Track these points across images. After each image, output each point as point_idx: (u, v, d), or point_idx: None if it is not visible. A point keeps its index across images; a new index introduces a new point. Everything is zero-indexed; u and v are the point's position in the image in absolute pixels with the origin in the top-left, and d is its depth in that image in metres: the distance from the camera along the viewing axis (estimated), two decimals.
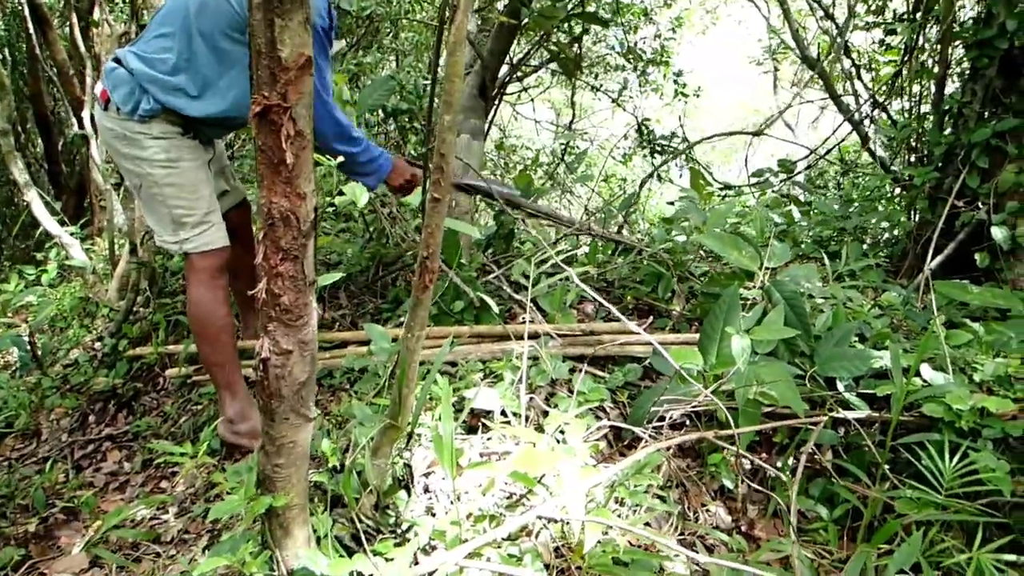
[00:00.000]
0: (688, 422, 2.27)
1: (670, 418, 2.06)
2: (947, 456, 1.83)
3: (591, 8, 4.93)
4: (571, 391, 2.38)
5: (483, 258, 3.36)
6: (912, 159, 4.20)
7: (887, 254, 3.97)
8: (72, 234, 3.97)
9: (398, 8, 5.84)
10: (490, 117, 4.05)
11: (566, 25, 3.77)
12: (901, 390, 1.92)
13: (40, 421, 3.10)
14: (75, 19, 5.08)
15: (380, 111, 4.18)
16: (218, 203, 2.31)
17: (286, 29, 1.00)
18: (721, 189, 4.50)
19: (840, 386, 2.26)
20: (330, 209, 3.71)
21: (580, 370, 2.42)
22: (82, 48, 4.67)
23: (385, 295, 3.24)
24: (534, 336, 2.52)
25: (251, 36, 1.03)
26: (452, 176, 2.99)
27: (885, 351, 2.21)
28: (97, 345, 3.48)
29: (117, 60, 2.15)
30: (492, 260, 3.31)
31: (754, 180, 4.47)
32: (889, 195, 4.67)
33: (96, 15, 4.36)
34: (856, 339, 2.49)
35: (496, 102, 4.19)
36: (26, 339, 3.28)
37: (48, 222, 3.90)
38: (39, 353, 3.26)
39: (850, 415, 2.10)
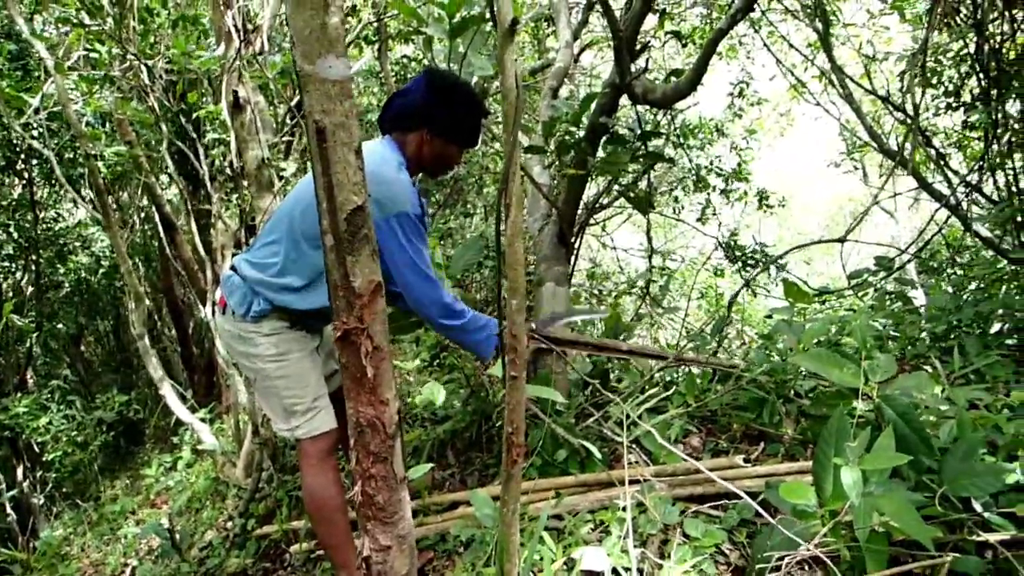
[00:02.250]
0: (810, 565, 2.14)
1: (791, 563, 1.95)
2: None
3: (658, 141, 5.11)
4: (685, 536, 2.31)
5: (581, 399, 3.39)
6: (1021, 237, 4.00)
7: (1013, 343, 3.70)
8: (201, 419, 4.30)
9: (479, 166, 6.26)
10: (573, 260, 4.18)
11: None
12: None
13: None
14: (195, 223, 5.72)
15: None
16: (326, 386, 2.47)
17: (356, 263, 1.14)
18: (817, 295, 4.38)
19: (977, 505, 2.09)
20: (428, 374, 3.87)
21: (691, 512, 2.35)
22: (201, 248, 5.22)
23: (491, 449, 3.29)
24: (638, 481, 2.48)
25: (327, 271, 1.17)
26: (540, 326, 3.09)
27: (1019, 461, 2.04)
28: (228, 525, 3.67)
29: (233, 268, 2.42)
30: (591, 402, 3.33)
31: (853, 282, 4.33)
32: (1006, 277, 4.41)
33: (213, 217, 4.92)
34: (987, 449, 2.31)
35: (577, 244, 4.33)
36: (166, 526, 3.51)
37: (181, 411, 4.24)
38: (177, 539, 3.47)
39: (992, 538, 1.93)
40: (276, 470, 3.64)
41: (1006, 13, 4.07)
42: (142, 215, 8.34)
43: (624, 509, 2.28)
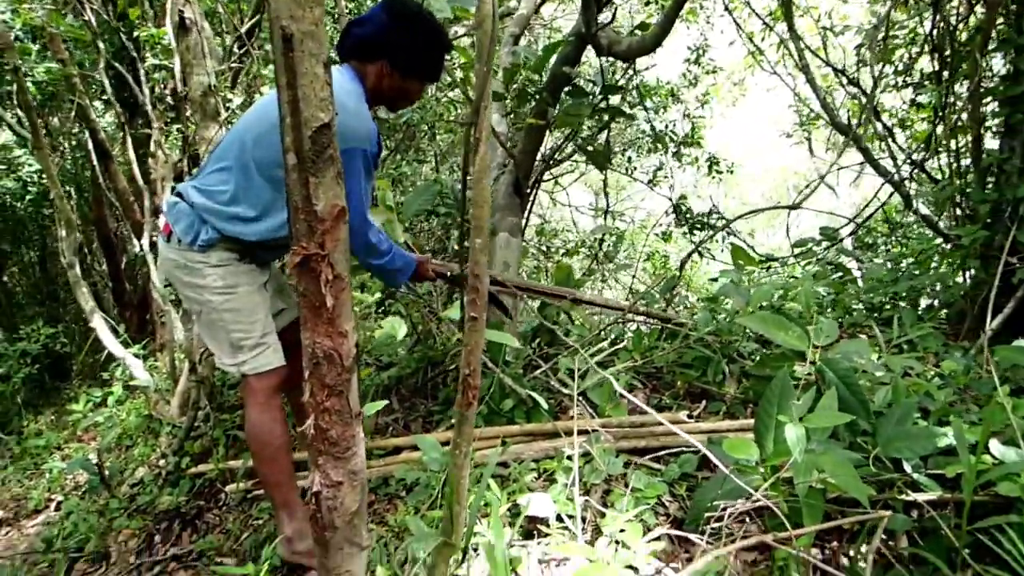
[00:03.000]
0: (749, 517, 2.20)
1: (730, 515, 2.00)
2: None
3: (616, 98, 5.08)
4: (627, 486, 2.34)
5: (529, 351, 3.39)
6: (959, 216, 4.13)
7: (944, 316, 3.86)
8: (135, 354, 4.15)
9: (433, 113, 6.11)
10: (527, 211, 4.15)
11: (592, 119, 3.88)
12: (970, 470, 1.84)
13: (109, 543, 3.17)
14: (132, 152, 5.45)
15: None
16: (274, 323, 2.40)
17: (320, 185, 1.08)
18: (763, 262, 4.47)
19: (907, 467, 2.17)
20: (378, 310, 3.81)
21: (635, 464, 2.38)
22: (139, 178, 4.98)
23: (436, 396, 3.27)
24: (585, 432, 2.50)
25: (288, 193, 1.10)
26: (492, 278, 3.06)
27: (950, 426, 2.13)
28: (161, 463, 3.57)
29: (178, 194, 2.29)
30: (539, 354, 3.33)
31: (798, 251, 4.43)
32: (940, 254, 4.57)
33: (152, 146, 4.67)
34: (919, 414, 2.40)
35: (532, 197, 4.29)
36: (95, 461, 3.39)
37: (112, 345, 4.08)
38: (107, 475, 3.36)
39: (920, 498, 2.02)
40: (213, 409, 3.54)
41: None
42: (74, 141, 7.91)
43: (570, 458, 2.29)
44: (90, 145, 6.57)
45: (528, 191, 4.00)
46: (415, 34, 2.26)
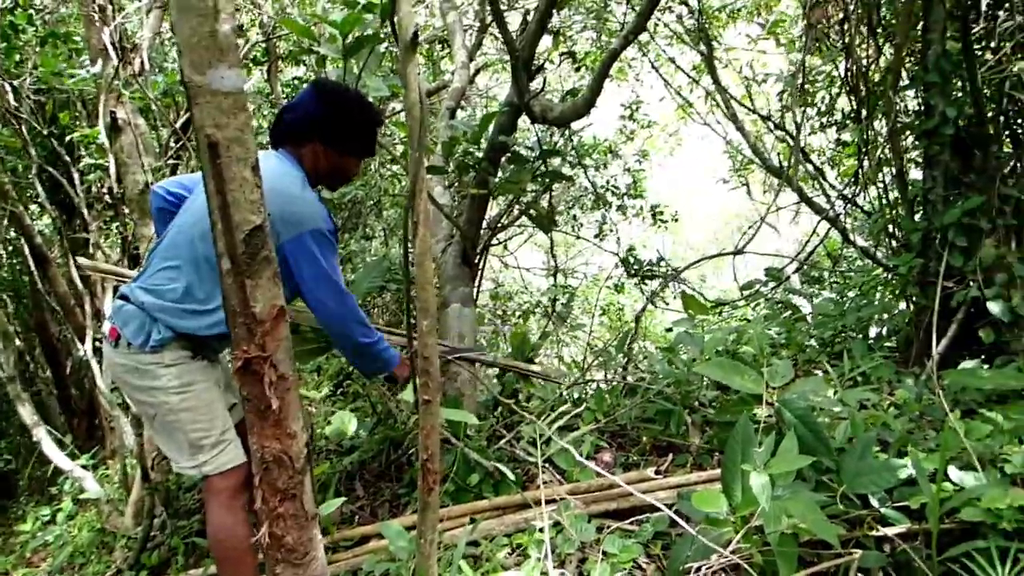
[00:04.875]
0: (727, 572, 2.17)
1: (707, 573, 1.98)
2: (997, 564, 1.74)
3: (556, 160, 5.19)
4: (602, 553, 2.30)
5: (492, 420, 3.35)
6: (894, 246, 4.28)
7: (893, 344, 3.95)
8: (83, 465, 3.97)
9: (377, 189, 6.16)
10: (477, 279, 4.16)
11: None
12: (933, 499, 1.86)
13: None
14: (70, 254, 5.33)
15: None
16: (230, 418, 2.33)
17: (257, 287, 1.07)
18: (715, 307, 4.55)
19: (874, 501, 2.18)
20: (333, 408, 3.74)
21: (608, 528, 2.34)
22: (79, 281, 4.87)
23: (401, 478, 3.19)
24: (554, 501, 2.46)
25: (224, 297, 1.09)
26: (447, 347, 3.04)
27: (909, 456, 2.16)
28: None
29: (123, 297, 2.24)
30: (502, 423, 3.29)
31: (746, 293, 4.52)
32: (882, 284, 4.72)
33: (90, 247, 4.59)
34: (879, 446, 2.43)
35: (481, 265, 4.32)
36: None
37: (59, 458, 3.90)
38: None
39: (890, 531, 2.03)
40: (169, 515, 3.39)
41: (870, 38, 4.38)
42: (9, 248, 7.71)
43: (541, 530, 2.25)
44: (27, 250, 6.41)
45: (476, 259, 4.02)
46: (344, 112, 2.30)
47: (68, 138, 4.64)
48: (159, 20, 4.79)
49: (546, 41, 6.44)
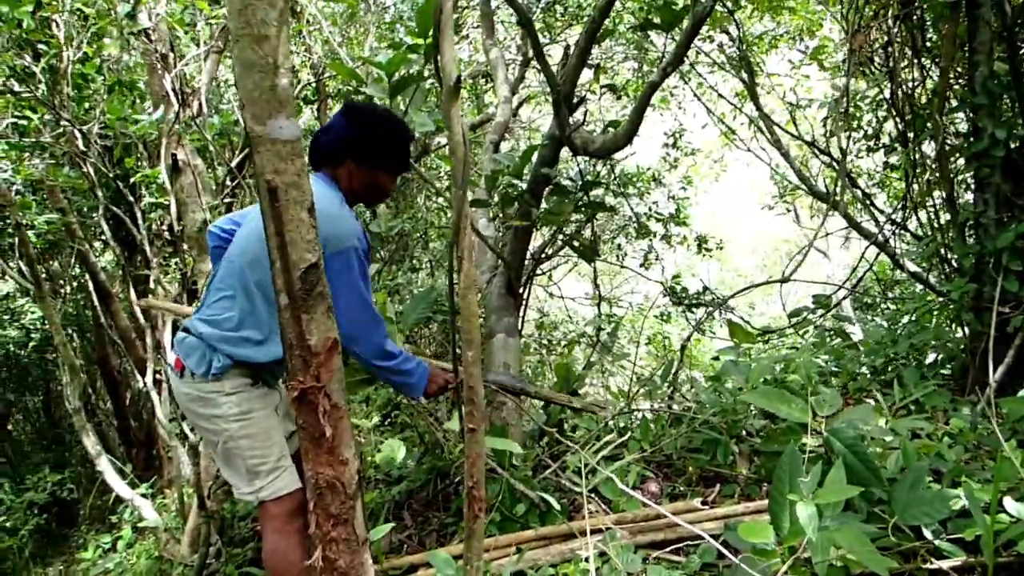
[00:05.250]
0: None
1: None
2: None
3: (598, 191, 5.24)
4: None
5: (538, 450, 3.37)
6: (947, 271, 4.19)
7: (948, 372, 3.85)
8: (142, 494, 4.11)
9: (424, 221, 6.29)
10: (522, 310, 4.21)
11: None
12: (987, 532, 1.82)
13: None
14: (132, 289, 5.57)
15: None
16: (287, 446, 2.40)
17: (312, 321, 1.13)
18: (761, 335, 4.50)
19: (927, 533, 2.13)
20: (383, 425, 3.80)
21: (653, 559, 2.34)
22: (140, 315, 5.07)
23: (448, 507, 3.22)
24: (600, 531, 2.47)
25: (282, 330, 1.15)
26: (492, 375, 3.09)
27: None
28: None
29: (186, 329, 2.34)
30: (548, 453, 3.31)
31: (794, 320, 4.47)
32: (935, 310, 4.61)
33: (151, 283, 4.80)
34: (932, 476, 2.38)
35: (525, 295, 4.37)
36: None
37: (120, 487, 4.05)
38: None
39: (944, 565, 1.98)
40: (224, 544, 3.48)
41: (915, 61, 4.34)
42: (75, 284, 8.08)
43: (587, 560, 2.25)
44: (91, 286, 6.72)
45: (521, 290, 4.07)
46: (373, 128, 2.36)
47: (132, 180, 4.88)
48: (215, 64, 5.03)
49: (587, 74, 6.54)
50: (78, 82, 4.52)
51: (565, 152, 4.17)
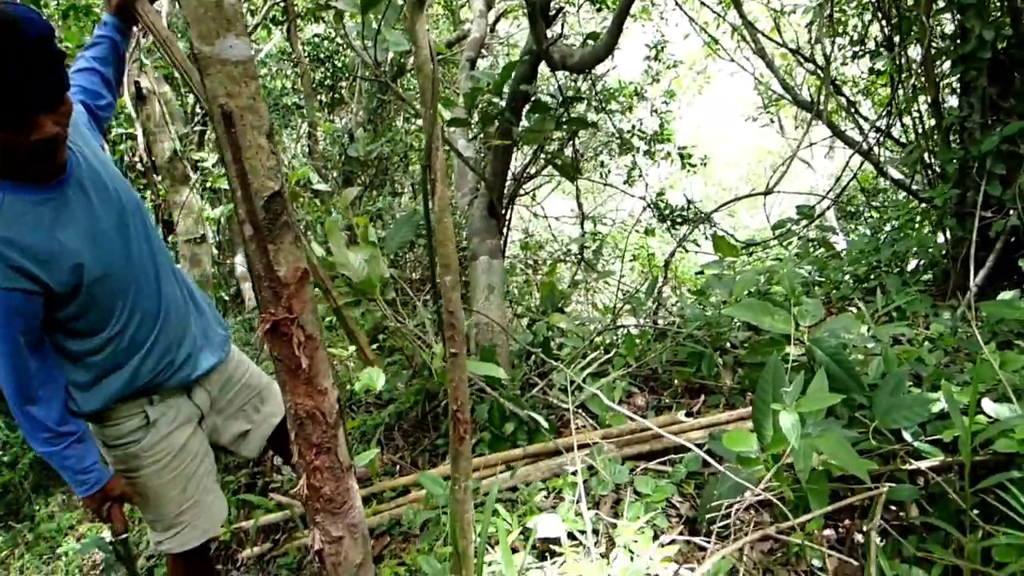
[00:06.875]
0: (759, 507, 2.21)
1: (739, 509, 2.01)
2: None
3: (581, 106, 5.12)
4: (636, 493, 2.35)
5: (525, 368, 3.40)
6: (930, 177, 4.17)
7: (931, 278, 3.89)
8: None
9: (403, 144, 6.15)
10: (505, 230, 4.17)
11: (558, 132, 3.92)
12: (965, 432, 1.85)
13: None
14: None
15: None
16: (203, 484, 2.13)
17: (280, 251, 1.10)
18: (745, 248, 4.50)
19: (907, 435, 2.19)
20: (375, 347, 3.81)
21: (641, 470, 2.39)
22: None
23: (439, 428, 3.27)
24: (587, 445, 2.51)
25: (248, 263, 1.12)
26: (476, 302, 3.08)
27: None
28: None
29: None
30: (534, 371, 3.34)
31: (778, 232, 4.46)
32: (917, 217, 4.61)
33: None
34: (913, 381, 2.42)
35: (508, 215, 4.32)
36: (108, 539, 3.37)
37: None
38: (122, 552, 3.34)
39: (923, 465, 2.03)
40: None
41: None
42: None
43: (575, 474, 2.30)
44: None
45: (504, 211, 4.02)
46: None
47: None
48: None
49: None
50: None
51: (545, 68, 4.04)
